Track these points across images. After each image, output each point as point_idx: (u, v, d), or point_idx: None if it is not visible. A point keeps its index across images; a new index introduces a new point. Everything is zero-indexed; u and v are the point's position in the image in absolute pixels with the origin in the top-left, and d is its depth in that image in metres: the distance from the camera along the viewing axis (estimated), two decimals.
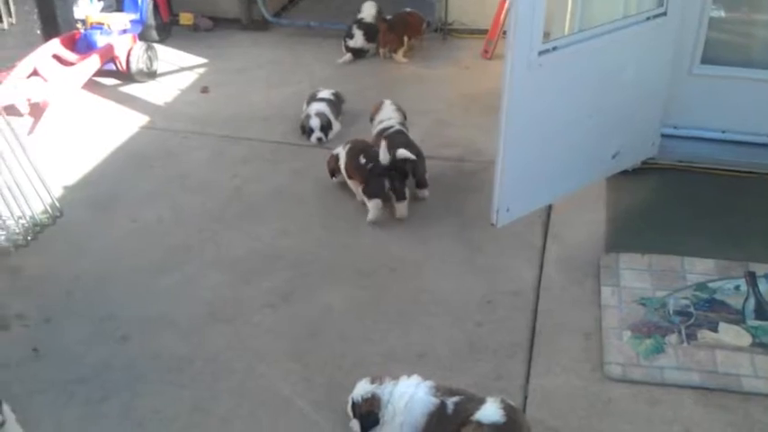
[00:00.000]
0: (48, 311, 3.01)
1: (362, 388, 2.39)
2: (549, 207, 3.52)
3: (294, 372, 2.71)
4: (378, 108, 3.89)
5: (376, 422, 2.34)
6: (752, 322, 2.87)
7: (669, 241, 3.27)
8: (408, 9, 5.29)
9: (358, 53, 5.20)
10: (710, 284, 3.06)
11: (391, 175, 3.44)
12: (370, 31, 5.21)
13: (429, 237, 3.44)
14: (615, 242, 3.29)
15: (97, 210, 3.65)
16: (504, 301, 3.03)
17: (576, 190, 3.43)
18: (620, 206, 3.54)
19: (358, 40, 5.18)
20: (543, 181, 3.22)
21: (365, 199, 3.51)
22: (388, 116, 3.80)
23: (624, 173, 3.65)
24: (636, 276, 3.10)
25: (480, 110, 4.40)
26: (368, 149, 3.55)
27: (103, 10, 5.43)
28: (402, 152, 3.42)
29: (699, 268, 3.14)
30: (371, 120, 3.90)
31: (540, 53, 2.89)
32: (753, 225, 3.40)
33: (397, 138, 3.65)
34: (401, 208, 3.51)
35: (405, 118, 3.87)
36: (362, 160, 3.50)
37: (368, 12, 5.30)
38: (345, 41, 5.23)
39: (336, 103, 4.21)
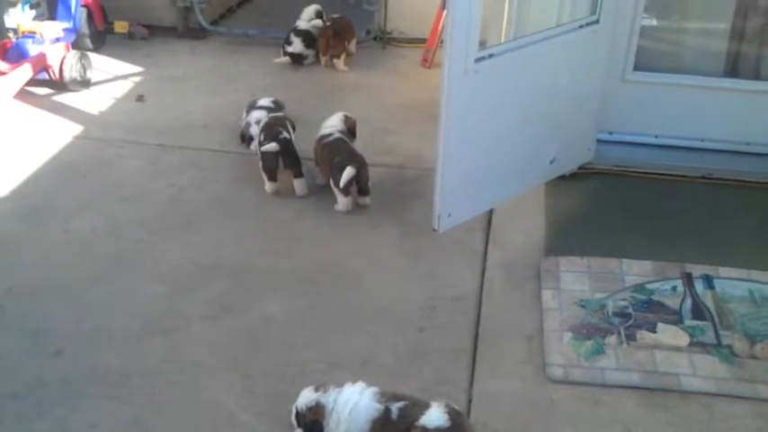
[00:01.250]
0: None
1: (306, 396, 2.36)
2: (490, 212, 3.54)
3: (236, 383, 2.66)
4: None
5: (321, 431, 2.31)
6: (689, 322, 2.93)
7: (607, 244, 3.33)
8: (338, 15, 5.30)
9: (296, 58, 5.18)
10: (648, 286, 3.12)
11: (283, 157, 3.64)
12: (308, 38, 5.20)
13: (371, 244, 3.43)
14: (554, 246, 3.33)
15: (29, 221, 3.53)
16: (447, 306, 3.03)
17: (516, 195, 3.47)
18: (558, 210, 3.59)
19: (296, 45, 5.17)
20: (483, 186, 3.25)
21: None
22: (331, 124, 3.79)
23: (562, 178, 3.71)
24: (575, 279, 3.14)
25: (420, 117, 4.43)
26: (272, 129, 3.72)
27: (36, 18, 5.30)
28: (348, 172, 3.51)
29: (636, 270, 3.20)
30: None
31: (477, 60, 2.92)
32: (686, 227, 3.49)
33: (337, 145, 3.64)
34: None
35: (351, 129, 3.86)
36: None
37: (307, 17, 5.30)
38: (284, 47, 5.21)
39: (276, 110, 4.17)
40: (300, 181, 3.73)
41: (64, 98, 4.73)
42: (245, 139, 4.08)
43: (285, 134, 3.71)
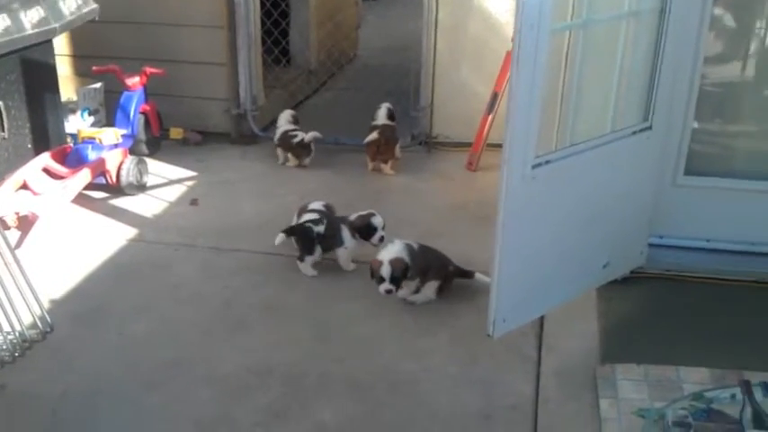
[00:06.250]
0: (34, 431, 2.91)
1: None
2: (542, 317, 3.51)
3: None
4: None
5: None
6: None
7: (663, 350, 3.27)
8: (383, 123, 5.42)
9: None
10: (707, 394, 3.02)
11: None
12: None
13: (422, 348, 3.41)
14: (610, 352, 3.28)
15: (84, 323, 3.59)
16: (502, 415, 2.98)
17: (570, 300, 3.44)
18: (612, 316, 3.55)
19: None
20: (538, 291, 3.23)
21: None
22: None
23: (614, 282, 3.68)
24: (633, 387, 3.07)
25: (468, 220, 4.47)
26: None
27: (94, 124, 5.53)
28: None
29: (694, 377, 3.12)
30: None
31: (534, 166, 2.96)
32: (742, 332, 3.41)
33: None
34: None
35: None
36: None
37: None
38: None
39: (328, 215, 4.23)
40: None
41: (120, 202, 4.88)
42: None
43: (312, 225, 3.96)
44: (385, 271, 3.54)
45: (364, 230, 3.92)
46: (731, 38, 3.91)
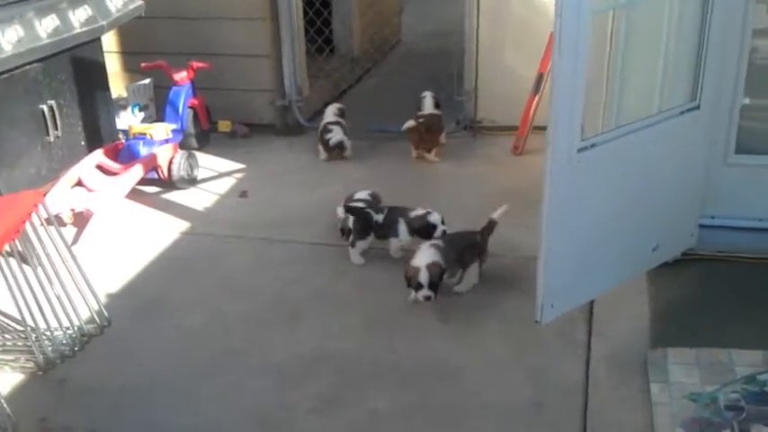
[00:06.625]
0: (95, 423, 3.02)
1: None
2: (592, 301, 3.50)
3: None
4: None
5: None
6: None
7: (715, 333, 3.23)
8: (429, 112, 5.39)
9: None
10: (759, 377, 2.99)
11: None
12: None
13: (471, 336, 3.43)
14: (660, 336, 3.26)
15: (141, 317, 3.70)
16: (553, 401, 2.99)
17: (619, 284, 3.42)
18: (662, 299, 3.52)
19: None
20: (586, 276, 3.22)
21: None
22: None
23: (664, 265, 3.64)
24: (684, 371, 3.04)
25: (515, 205, 4.41)
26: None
27: (145, 120, 5.64)
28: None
29: (747, 360, 3.08)
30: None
31: (579, 150, 2.95)
32: None
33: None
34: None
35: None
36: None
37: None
38: None
39: (374, 204, 4.27)
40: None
41: (172, 196, 4.98)
42: (345, 232, 4.18)
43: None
44: (423, 277, 3.52)
45: (423, 231, 3.92)
46: None
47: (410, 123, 5.22)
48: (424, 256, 3.60)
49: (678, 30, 3.40)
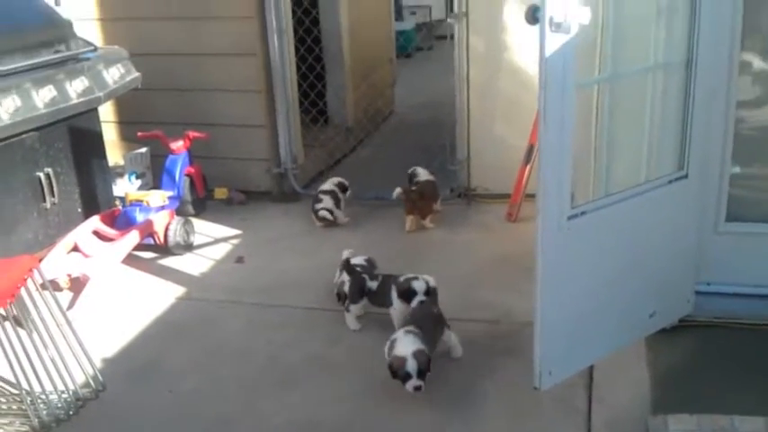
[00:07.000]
0: None
1: None
2: (591, 367, 3.48)
3: None
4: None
5: None
6: None
7: (716, 399, 3.21)
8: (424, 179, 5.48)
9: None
10: None
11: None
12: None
13: (469, 404, 3.39)
14: (661, 403, 3.23)
15: (136, 381, 3.65)
16: None
17: (617, 350, 3.41)
18: (661, 365, 3.50)
19: None
20: (584, 342, 3.22)
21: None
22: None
23: (662, 331, 3.64)
24: None
25: (510, 271, 4.47)
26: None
27: (141, 187, 5.68)
28: None
29: (749, 427, 3.05)
30: None
31: (569, 218, 2.98)
32: None
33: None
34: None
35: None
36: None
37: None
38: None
39: (369, 270, 4.28)
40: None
41: (168, 261, 4.98)
42: (341, 297, 4.18)
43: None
44: (411, 366, 3.30)
45: (406, 295, 3.92)
46: (766, 80, 3.90)
47: (398, 191, 5.28)
48: (406, 343, 3.40)
49: (662, 103, 3.48)
